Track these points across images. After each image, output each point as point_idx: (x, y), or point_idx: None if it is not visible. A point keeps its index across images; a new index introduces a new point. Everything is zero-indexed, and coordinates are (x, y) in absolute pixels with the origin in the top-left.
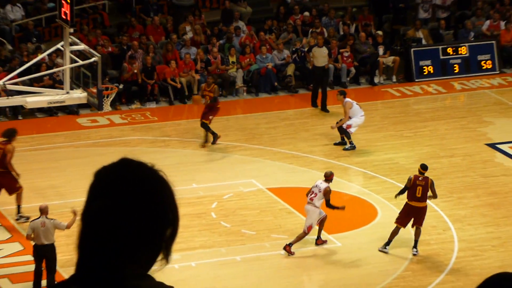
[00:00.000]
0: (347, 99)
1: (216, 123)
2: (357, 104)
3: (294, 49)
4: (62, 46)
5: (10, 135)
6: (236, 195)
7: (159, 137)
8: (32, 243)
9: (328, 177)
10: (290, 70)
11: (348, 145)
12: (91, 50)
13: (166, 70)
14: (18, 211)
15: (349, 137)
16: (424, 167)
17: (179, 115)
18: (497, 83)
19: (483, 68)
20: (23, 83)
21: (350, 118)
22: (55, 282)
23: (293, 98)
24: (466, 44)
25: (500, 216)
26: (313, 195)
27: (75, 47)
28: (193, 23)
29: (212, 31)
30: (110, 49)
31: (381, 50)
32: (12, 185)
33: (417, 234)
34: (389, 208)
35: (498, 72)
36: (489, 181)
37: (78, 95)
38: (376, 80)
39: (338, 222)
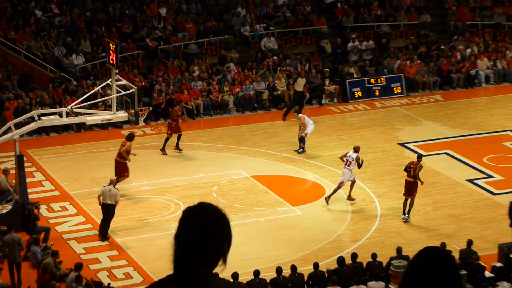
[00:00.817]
0: (301, 115)
1: (214, 132)
2: (307, 117)
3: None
4: (110, 81)
5: (131, 137)
6: (229, 181)
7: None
8: (100, 202)
9: (357, 150)
10: (265, 95)
11: (300, 149)
12: (130, 84)
13: (181, 97)
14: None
15: (304, 143)
16: (419, 157)
17: (190, 127)
18: (405, 102)
19: (395, 92)
20: (84, 107)
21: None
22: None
23: (267, 115)
24: (383, 76)
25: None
26: (349, 162)
27: (119, 82)
28: (199, 65)
29: (212, 70)
30: (143, 83)
31: (326, 81)
32: (123, 171)
33: (411, 204)
34: (333, 188)
35: (405, 95)
36: (400, 169)
37: (122, 115)
38: (323, 101)
39: (298, 198)
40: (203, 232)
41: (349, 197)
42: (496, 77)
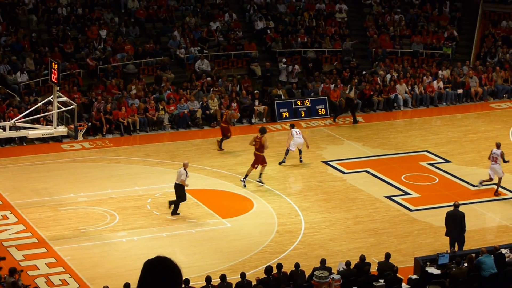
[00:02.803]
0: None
1: (150, 148)
2: (297, 130)
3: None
4: (51, 98)
5: (264, 131)
6: (163, 194)
7: (114, 156)
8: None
9: (499, 146)
10: (199, 114)
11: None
12: (70, 101)
13: (119, 113)
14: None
15: (286, 155)
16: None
17: (127, 143)
18: (328, 123)
19: (320, 113)
20: (27, 122)
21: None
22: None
23: (200, 132)
24: (309, 99)
25: (331, 207)
26: (495, 158)
27: (60, 99)
28: (136, 84)
29: (149, 89)
30: (82, 100)
31: (256, 102)
32: (263, 161)
33: None
34: (261, 202)
35: (329, 116)
36: (323, 185)
37: (62, 129)
38: (253, 120)
39: (228, 211)
40: (161, 281)
41: (497, 193)
42: (414, 101)
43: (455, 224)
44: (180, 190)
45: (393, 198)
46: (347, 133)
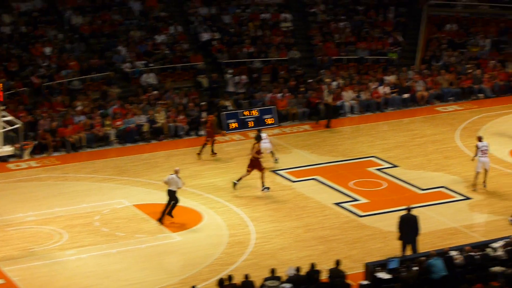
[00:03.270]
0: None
1: (97, 164)
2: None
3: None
4: None
5: (259, 138)
6: (111, 210)
7: (61, 174)
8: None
9: (482, 139)
10: (146, 128)
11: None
12: (16, 120)
13: (65, 130)
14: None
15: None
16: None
17: (74, 160)
18: (277, 132)
19: (268, 123)
20: None
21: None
22: None
23: (148, 146)
24: (257, 108)
25: (281, 216)
26: (485, 151)
27: (5, 118)
28: (82, 100)
29: (95, 105)
30: (28, 118)
31: (204, 114)
32: (260, 167)
33: None
34: (211, 214)
35: (277, 125)
36: (273, 194)
37: (8, 149)
38: (201, 133)
39: (177, 225)
40: None
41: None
42: (360, 107)
43: (410, 227)
44: (172, 194)
45: (342, 204)
46: (294, 142)
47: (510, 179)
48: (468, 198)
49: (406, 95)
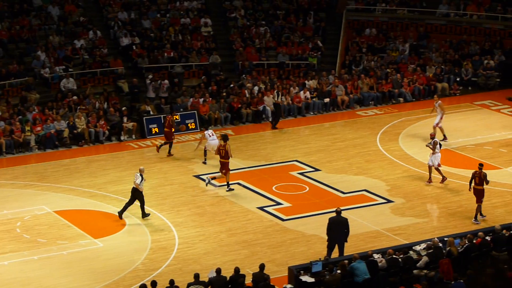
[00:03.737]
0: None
1: (17, 170)
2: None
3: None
4: None
5: (226, 138)
6: (32, 216)
7: None
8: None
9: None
10: (66, 133)
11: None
12: None
13: None
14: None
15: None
16: (480, 165)
17: None
18: (199, 137)
19: (190, 128)
20: None
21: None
22: None
23: (68, 152)
24: (179, 113)
25: (204, 221)
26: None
27: None
28: (1, 106)
29: (14, 110)
30: None
31: (125, 119)
32: (226, 168)
33: (478, 208)
34: (133, 220)
35: (198, 130)
36: (196, 199)
37: None
38: (122, 138)
39: (100, 231)
40: None
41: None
42: (282, 111)
43: (340, 229)
44: (138, 193)
45: (265, 208)
46: None
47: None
48: (389, 201)
49: (326, 100)
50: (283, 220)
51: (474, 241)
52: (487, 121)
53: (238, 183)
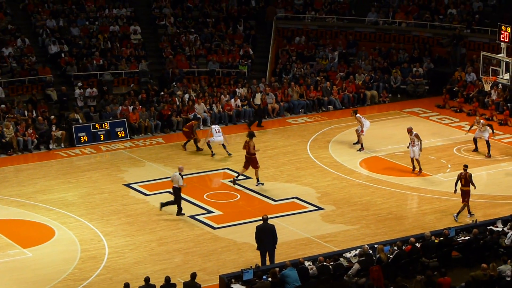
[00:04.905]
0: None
1: None
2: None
3: None
4: None
5: (251, 135)
6: None
7: None
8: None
9: (410, 130)
10: None
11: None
12: None
13: None
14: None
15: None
16: (465, 166)
17: None
18: (129, 145)
19: (119, 136)
20: None
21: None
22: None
23: None
24: (108, 121)
25: (134, 230)
26: (414, 141)
27: None
28: None
29: None
30: None
31: (53, 127)
32: (255, 165)
33: (463, 208)
34: (63, 230)
35: (128, 138)
36: (126, 208)
37: None
38: (50, 146)
39: (29, 240)
40: None
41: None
42: (213, 119)
43: (267, 237)
44: (177, 193)
45: (197, 217)
46: (147, 155)
47: (360, 189)
48: (320, 209)
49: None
50: (214, 228)
51: (404, 248)
52: (416, 128)
53: (169, 192)
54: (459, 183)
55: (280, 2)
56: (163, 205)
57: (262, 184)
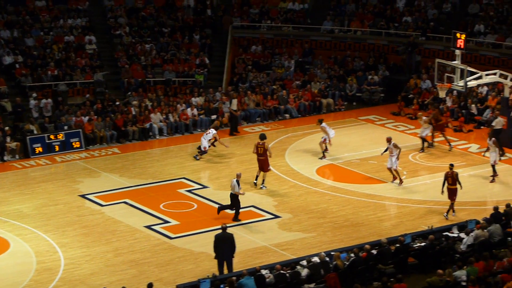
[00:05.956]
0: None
1: None
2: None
3: None
4: None
5: (264, 137)
6: None
7: None
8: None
9: (390, 140)
10: None
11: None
12: None
13: None
14: (262, 182)
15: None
16: (451, 165)
17: None
18: (84, 156)
19: (75, 147)
20: None
21: None
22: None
23: None
24: (63, 132)
25: (90, 241)
26: (392, 151)
27: None
28: None
29: None
30: None
31: (8, 139)
32: (265, 167)
33: (451, 206)
34: (17, 242)
35: (84, 149)
36: (81, 219)
37: None
38: (5, 158)
39: None
40: None
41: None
42: (169, 129)
43: (225, 246)
44: (235, 199)
45: (153, 227)
46: (103, 165)
47: (317, 197)
48: (277, 217)
49: (214, 117)
50: (171, 238)
51: (360, 254)
52: (372, 136)
53: (125, 202)
54: (446, 182)
55: (236, 11)
56: (220, 208)
57: (266, 187)
